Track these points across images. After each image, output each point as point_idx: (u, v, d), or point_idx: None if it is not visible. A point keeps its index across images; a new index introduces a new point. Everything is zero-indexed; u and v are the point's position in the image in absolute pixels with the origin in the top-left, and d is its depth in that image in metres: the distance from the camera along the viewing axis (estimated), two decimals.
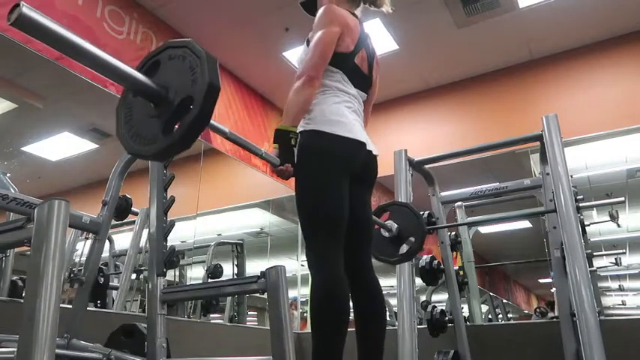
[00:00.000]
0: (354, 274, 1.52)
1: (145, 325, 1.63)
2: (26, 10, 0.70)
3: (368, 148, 1.57)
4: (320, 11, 1.60)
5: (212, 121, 1.03)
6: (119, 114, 0.94)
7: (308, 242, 1.45)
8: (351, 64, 1.62)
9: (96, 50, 0.79)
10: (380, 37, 3.88)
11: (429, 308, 2.69)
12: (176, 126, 0.86)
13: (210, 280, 3.70)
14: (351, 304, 1.48)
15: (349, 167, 1.52)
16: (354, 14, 1.72)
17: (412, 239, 2.01)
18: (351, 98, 1.62)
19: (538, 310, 5.60)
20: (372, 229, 1.70)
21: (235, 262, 4.19)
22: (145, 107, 0.90)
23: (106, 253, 3.07)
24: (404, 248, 2.02)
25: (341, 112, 1.54)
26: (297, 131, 1.50)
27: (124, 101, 0.95)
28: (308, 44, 1.59)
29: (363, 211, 1.62)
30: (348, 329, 1.37)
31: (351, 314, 1.49)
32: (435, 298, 4.25)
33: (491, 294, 4.88)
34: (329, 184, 1.46)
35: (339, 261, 1.40)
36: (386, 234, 2.01)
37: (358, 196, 1.58)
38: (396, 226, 2.00)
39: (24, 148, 3.13)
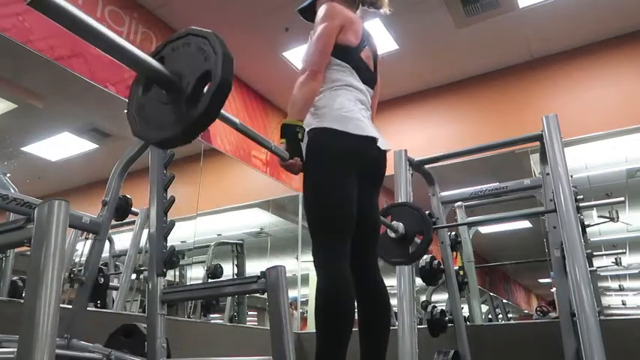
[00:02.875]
0: (360, 274, 1.51)
1: (145, 325, 1.63)
2: None
3: (378, 143, 1.56)
4: (321, 9, 1.62)
5: (222, 112, 1.03)
6: (131, 114, 0.94)
7: (314, 241, 1.45)
8: (357, 58, 1.63)
9: (111, 35, 0.80)
10: (380, 37, 3.88)
11: (429, 308, 2.69)
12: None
13: (210, 280, 3.70)
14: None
15: (359, 165, 1.51)
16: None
17: (418, 239, 1.99)
18: (361, 93, 1.62)
19: (539, 309, 5.59)
20: (378, 229, 1.69)
21: (235, 262, 4.19)
22: (158, 98, 0.91)
23: (106, 253, 3.07)
24: (413, 247, 1.99)
25: (351, 108, 1.54)
26: (307, 129, 1.49)
27: (133, 101, 0.95)
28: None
29: (371, 211, 1.62)
30: (352, 329, 1.36)
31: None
32: (435, 298, 4.25)
33: (491, 294, 4.88)
34: (338, 183, 1.46)
35: (345, 261, 1.40)
36: (392, 235, 1.98)
37: (366, 195, 1.57)
38: (402, 225, 1.97)
39: (24, 148, 3.13)
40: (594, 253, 3.26)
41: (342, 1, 1.72)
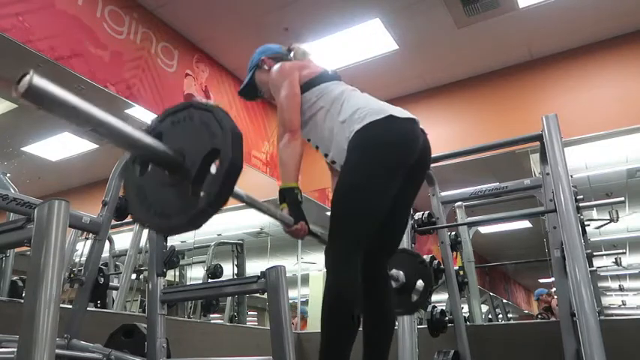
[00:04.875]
0: (370, 275, 1.49)
1: (145, 325, 1.63)
2: (37, 80, 0.61)
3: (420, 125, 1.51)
4: (272, 72, 1.66)
5: None
6: (130, 198, 0.85)
7: (333, 240, 1.39)
8: (331, 74, 1.65)
9: (111, 119, 0.73)
10: (380, 37, 3.88)
11: (429, 308, 2.68)
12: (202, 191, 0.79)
13: (210, 280, 3.70)
14: None
15: (411, 155, 1.44)
16: None
17: (420, 285, 1.92)
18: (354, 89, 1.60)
19: (540, 317, 5.58)
20: (403, 234, 1.64)
21: (235, 262, 4.19)
22: (159, 179, 0.82)
23: (106, 253, 3.07)
24: (415, 295, 1.93)
25: (373, 100, 1.52)
26: (349, 136, 1.44)
27: (130, 183, 0.87)
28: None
29: (403, 213, 1.57)
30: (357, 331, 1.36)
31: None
32: (435, 298, 4.25)
33: (491, 294, 4.88)
34: (381, 187, 1.39)
35: (358, 264, 1.36)
36: (393, 284, 1.87)
37: (404, 197, 1.52)
38: (402, 273, 1.90)
39: (24, 148, 3.13)
40: (594, 253, 3.26)
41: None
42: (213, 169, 0.80)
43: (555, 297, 3.40)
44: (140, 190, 0.85)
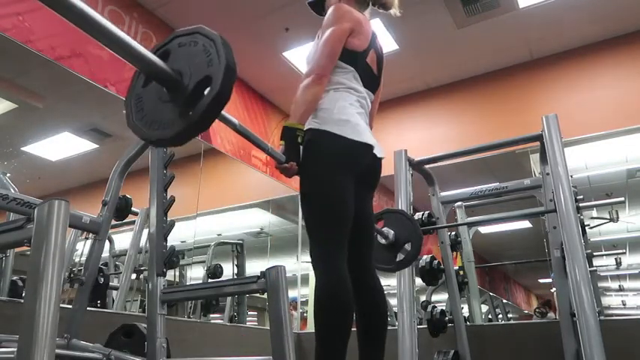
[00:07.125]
0: (356, 276, 1.50)
1: (145, 325, 1.63)
2: None
3: (374, 151, 1.56)
4: (330, 9, 1.61)
5: (222, 112, 1.02)
6: (129, 104, 0.93)
7: (312, 240, 1.44)
8: (362, 62, 1.62)
9: (114, 30, 0.81)
10: (380, 37, 3.88)
11: (429, 308, 2.68)
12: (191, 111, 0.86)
13: (210, 280, 3.70)
14: None
15: (354, 169, 1.51)
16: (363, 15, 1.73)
17: (408, 247, 1.98)
18: (361, 98, 1.61)
19: (538, 310, 5.59)
20: (373, 232, 1.70)
21: (235, 262, 4.19)
22: (157, 94, 0.89)
23: (106, 253, 3.06)
24: (401, 255, 1.99)
25: (350, 113, 1.53)
26: (305, 128, 1.48)
27: (132, 91, 0.94)
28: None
29: (366, 214, 1.61)
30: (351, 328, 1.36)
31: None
32: (435, 298, 4.25)
33: (491, 294, 4.88)
34: (334, 184, 1.45)
35: (343, 261, 1.39)
36: (383, 241, 1.98)
37: (361, 199, 1.57)
38: (392, 232, 1.96)
39: (24, 148, 3.13)
40: (594, 253, 3.26)
41: (353, 1, 1.71)
42: (205, 96, 0.85)
43: None
44: (139, 100, 0.92)
